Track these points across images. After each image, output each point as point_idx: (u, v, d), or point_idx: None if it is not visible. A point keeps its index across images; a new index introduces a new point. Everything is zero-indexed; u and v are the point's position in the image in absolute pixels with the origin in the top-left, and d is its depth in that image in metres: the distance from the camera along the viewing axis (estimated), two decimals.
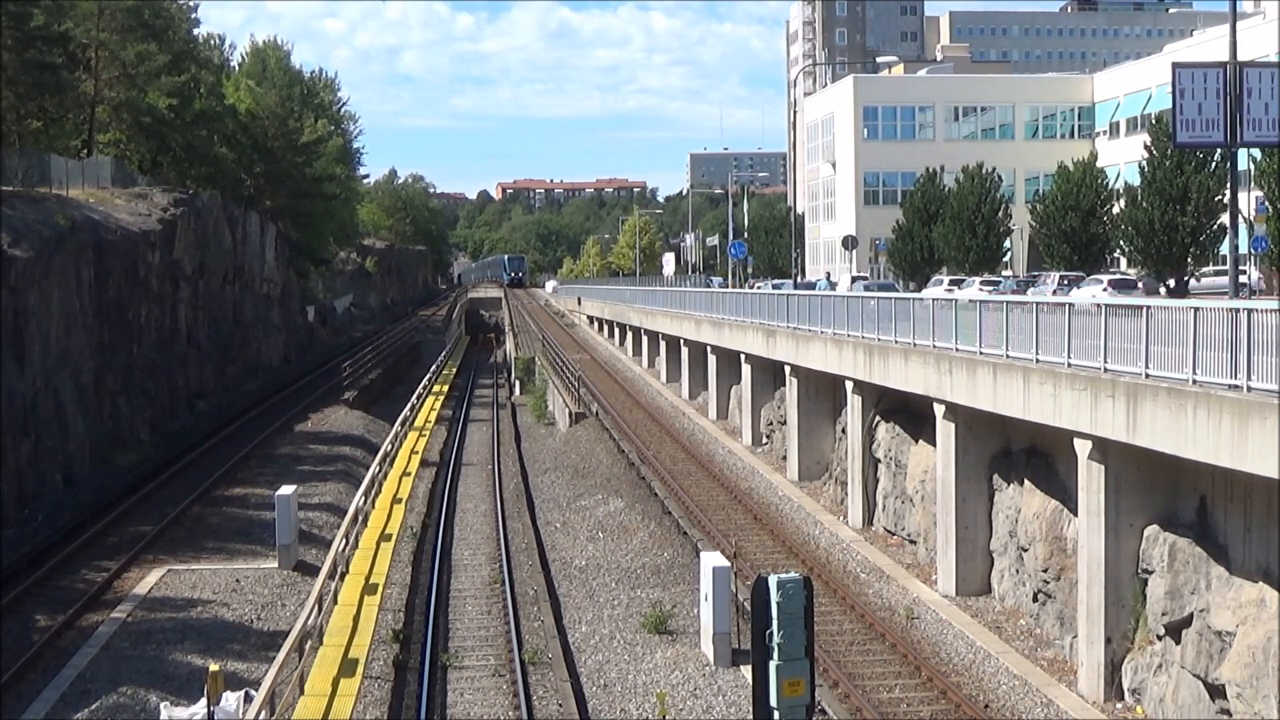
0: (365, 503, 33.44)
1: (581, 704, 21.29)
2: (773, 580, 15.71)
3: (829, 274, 74.08)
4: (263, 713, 17.74)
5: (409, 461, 43.36)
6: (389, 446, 43.06)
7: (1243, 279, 35.88)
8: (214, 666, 19.10)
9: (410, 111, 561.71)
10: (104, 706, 20.83)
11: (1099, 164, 61.84)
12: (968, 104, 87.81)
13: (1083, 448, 21.39)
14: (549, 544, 32.99)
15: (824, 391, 38.29)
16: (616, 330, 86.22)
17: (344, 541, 28.24)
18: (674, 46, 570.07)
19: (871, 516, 33.24)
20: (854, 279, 63.94)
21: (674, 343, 61.88)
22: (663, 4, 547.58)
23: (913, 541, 30.60)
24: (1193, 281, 52.44)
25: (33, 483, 35.60)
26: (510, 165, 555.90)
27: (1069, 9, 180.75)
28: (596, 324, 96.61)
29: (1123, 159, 68.94)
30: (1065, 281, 47.37)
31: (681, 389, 58.80)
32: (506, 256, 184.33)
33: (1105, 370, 20.59)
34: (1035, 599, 24.60)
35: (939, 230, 66.65)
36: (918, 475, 30.13)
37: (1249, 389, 17.05)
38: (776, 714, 15.53)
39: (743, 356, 45.82)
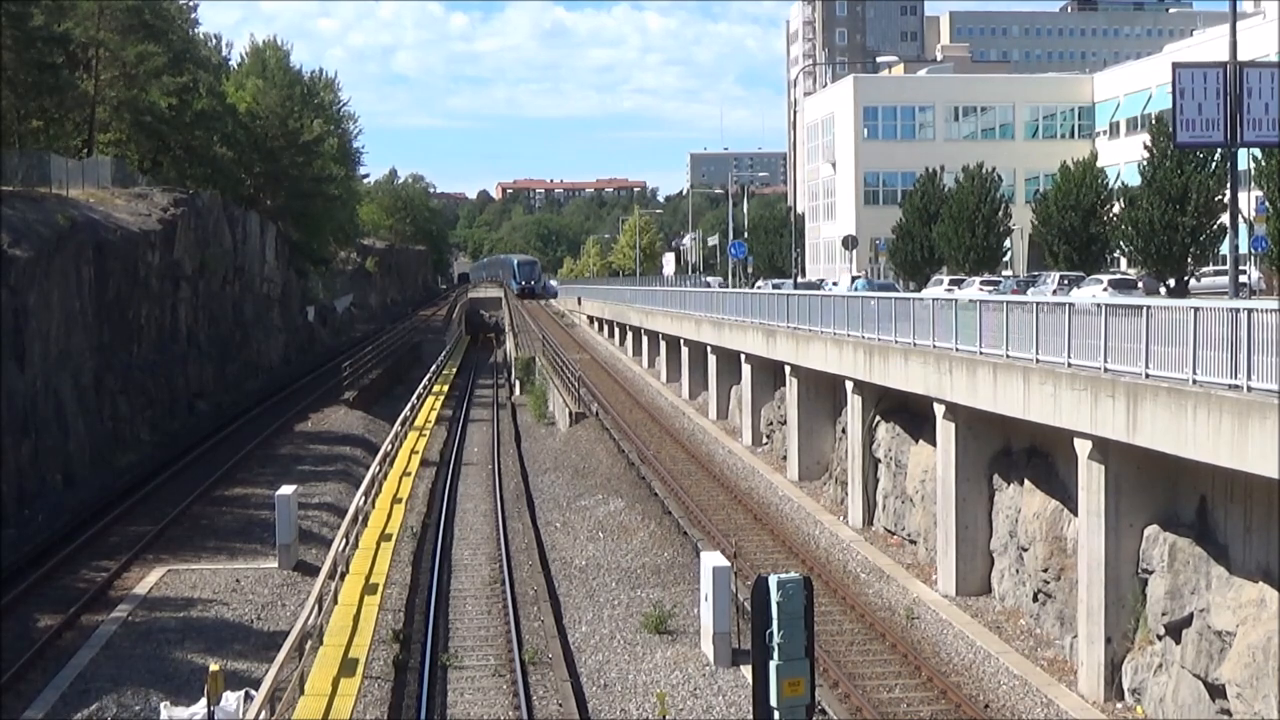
0: (365, 502, 33.43)
1: (581, 704, 21.28)
2: (773, 580, 15.70)
3: (867, 272, 72.04)
4: (263, 712, 17.74)
5: (409, 461, 43.34)
6: (389, 446, 43.04)
7: (1243, 279, 35.87)
8: (214, 666, 19.11)
9: (407, 111, 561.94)
10: (104, 706, 20.83)
11: (1099, 164, 61.85)
12: (968, 104, 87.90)
13: (1083, 448, 21.39)
14: (549, 544, 32.98)
15: (824, 391, 38.28)
16: (617, 330, 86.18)
17: (344, 541, 28.23)
18: (669, 46, 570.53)
19: (871, 516, 33.24)
20: (853, 279, 63.89)
21: (674, 342, 61.84)
22: (657, 4, 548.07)
23: (913, 541, 30.60)
24: (1193, 281, 52.44)
25: (33, 483, 35.58)
26: (509, 165, 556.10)
27: (1069, 9, 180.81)
28: (596, 324, 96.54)
29: (1123, 159, 68.96)
30: (1065, 281, 47.39)
31: (681, 389, 58.78)
32: (516, 260, 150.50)
33: (1105, 370, 20.58)
34: (1035, 599, 24.60)
35: (939, 230, 66.67)
36: (918, 475, 30.13)
37: (1249, 389, 17.05)
38: (776, 714, 15.52)
39: (743, 356, 45.80)
